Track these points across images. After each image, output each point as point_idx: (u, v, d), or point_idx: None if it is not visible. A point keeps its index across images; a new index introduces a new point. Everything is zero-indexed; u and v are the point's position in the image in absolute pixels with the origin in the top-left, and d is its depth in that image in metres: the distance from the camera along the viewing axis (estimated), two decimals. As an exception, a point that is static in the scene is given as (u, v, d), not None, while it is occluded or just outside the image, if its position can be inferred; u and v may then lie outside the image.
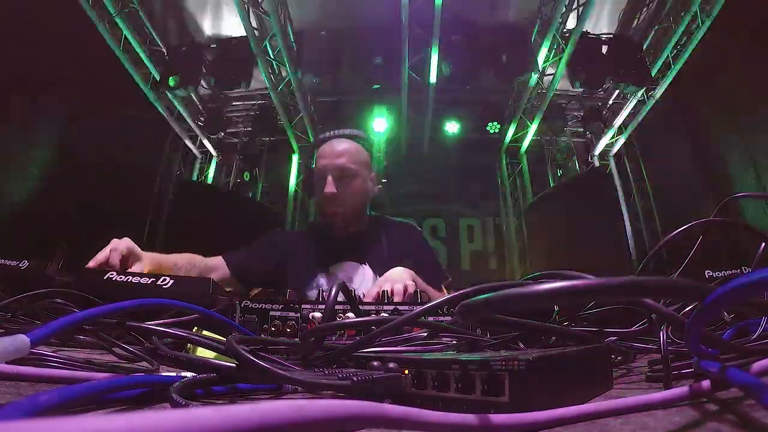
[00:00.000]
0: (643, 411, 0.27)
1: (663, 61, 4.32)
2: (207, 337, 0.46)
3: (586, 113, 5.27)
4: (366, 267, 1.46)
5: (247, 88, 4.73)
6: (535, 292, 0.21)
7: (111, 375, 0.38)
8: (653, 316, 0.50)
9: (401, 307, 0.72)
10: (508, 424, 0.24)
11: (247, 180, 5.51)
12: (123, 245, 1.04)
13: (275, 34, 3.93)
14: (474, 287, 0.41)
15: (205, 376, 0.34)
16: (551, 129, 5.26)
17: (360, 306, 0.67)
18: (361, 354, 0.40)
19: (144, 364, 0.45)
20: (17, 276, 0.77)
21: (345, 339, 0.61)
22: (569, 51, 4.13)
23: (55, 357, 0.39)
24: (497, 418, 0.24)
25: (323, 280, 1.44)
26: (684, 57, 4.07)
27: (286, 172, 5.52)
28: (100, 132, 3.72)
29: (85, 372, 0.38)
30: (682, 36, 4.04)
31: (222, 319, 0.56)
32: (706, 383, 0.28)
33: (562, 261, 4.22)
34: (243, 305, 0.71)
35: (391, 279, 1.13)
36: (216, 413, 0.12)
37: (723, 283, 0.21)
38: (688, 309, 0.52)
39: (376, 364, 0.34)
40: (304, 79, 4.55)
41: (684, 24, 3.92)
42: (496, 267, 5.54)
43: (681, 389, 0.29)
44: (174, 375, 0.34)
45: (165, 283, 0.75)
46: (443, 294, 1.41)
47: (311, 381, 0.30)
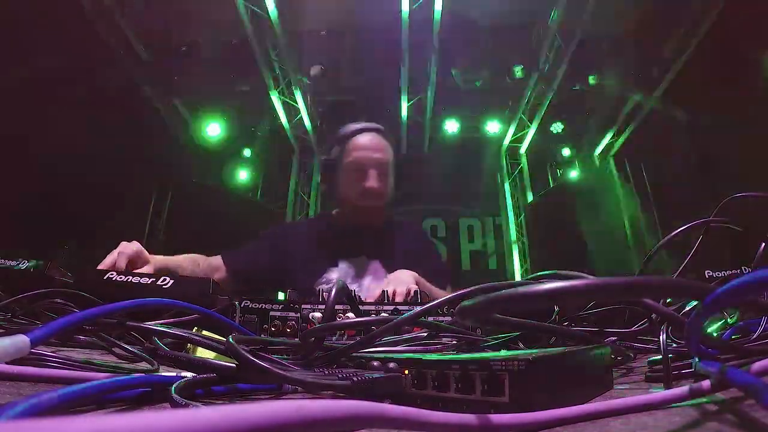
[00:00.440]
0: (643, 411, 0.27)
1: (663, 61, 4.32)
2: (207, 337, 0.46)
3: (586, 113, 5.27)
4: (377, 263, 1.44)
5: (247, 88, 4.73)
6: (535, 292, 0.21)
7: (111, 375, 0.38)
8: (653, 316, 0.50)
9: (401, 308, 0.72)
10: (508, 424, 0.24)
11: (247, 180, 5.51)
12: (130, 249, 1.04)
13: (275, 34, 3.93)
14: (474, 287, 0.41)
15: (205, 376, 0.34)
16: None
17: (360, 306, 0.67)
18: (361, 354, 0.40)
19: (144, 364, 0.45)
20: (17, 276, 0.77)
21: (345, 339, 0.61)
22: (569, 51, 4.13)
23: (55, 357, 0.39)
24: (497, 418, 0.24)
25: (333, 274, 1.42)
26: (684, 57, 4.08)
27: (286, 172, 5.53)
28: (99, 132, 3.72)
29: (85, 372, 0.38)
30: (682, 35, 4.04)
31: (222, 319, 0.56)
32: (706, 383, 0.28)
33: (562, 261, 4.22)
34: (243, 305, 0.71)
35: (395, 281, 1.13)
36: (216, 413, 0.12)
37: (723, 283, 0.21)
38: (688, 309, 0.52)
39: (376, 364, 0.34)
40: (304, 79, 4.55)
41: (684, 24, 3.93)
42: (496, 267, 5.54)
43: (681, 389, 0.29)
44: (174, 375, 0.34)
45: (165, 283, 0.75)
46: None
47: (311, 381, 0.30)
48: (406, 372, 0.32)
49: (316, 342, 0.44)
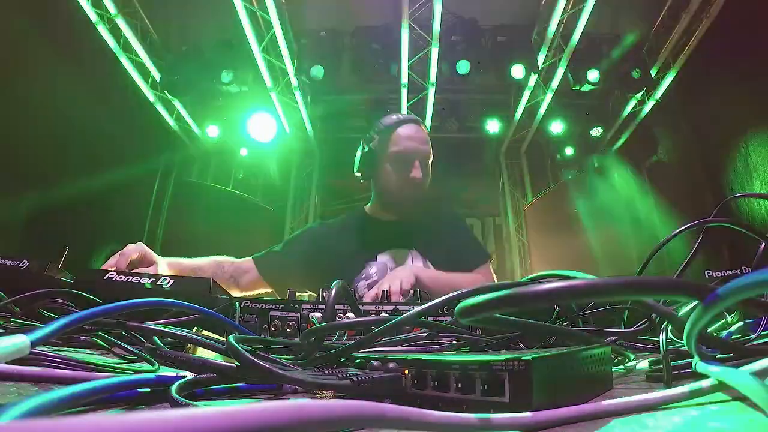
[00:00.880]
0: (643, 411, 0.27)
1: (663, 61, 4.32)
2: (207, 337, 0.46)
3: (586, 113, 5.27)
4: (416, 253, 1.45)
5: (247, 88, 4.73)
6: (536, 292, 0.21)
7: (111, 375, 0.38)
8: (653, 316, 0.50)
9: (401, 307, 0.72)
10: (508, 424, 0.24)
11: (247, 180, 5.51)
12: (133, 250, 1.04)
13: (275, 34, 3.93)
14: (474, 287, 0.41)
15: (205, 376, 0.34)
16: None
17: (360, 306, 0.67)
18: (361, 354, 0.40)
19: (144, 364, 0.45)
20: (17, 276, 0.77)
21: (345, 339, 0.61)
22: (569, 50, 4.13)
23: (55, 357, 0.39)
24: (497, 418, 0.24)
25: (373, 268, 1.41)
26: (684, 57, 4.08)
27: (286, 171, 5.53)
28: (99, 132, 3.72)
29: (85, 372, 0.38)
30: (682, 36, 4.04)
31: (222, 319, 0.56)
32: (706, 383, 0.28)
33: (562, 261, 4.22)
34: (243, 305, 0.71)
35: (390, 277, 1.14)
36: (216, 413, 0.12)
37: (723, 283, 0.21)
38: (688, 309, 0.52)
39: (376, 364, 0.34)
40: (304, 79, 4.55)
41: (684, 24, 3.92)
42: (496, 267, 5.54)
43: (681, 389, 0.29)
44: (174, 375, 0.34)
45: (165, 283, 0.75)
46: (479, 277, 1.40)
47: (311, 381, 0.30)
48: (406, 372, 0.32)
49: (316, 342, 0.44)
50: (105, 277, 0.77)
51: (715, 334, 0.50)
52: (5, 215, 2.96)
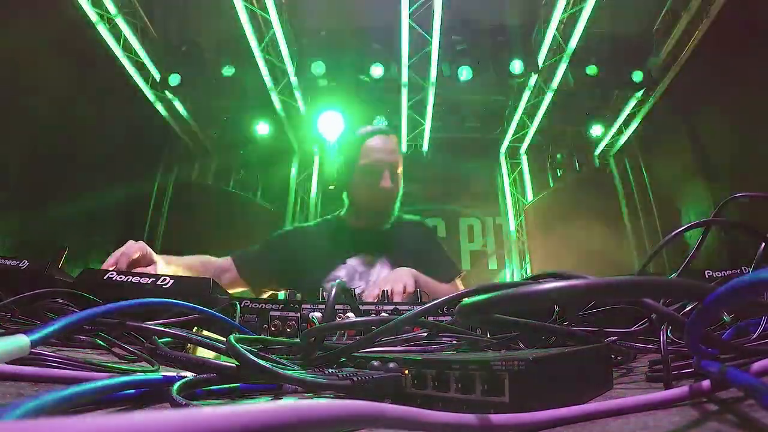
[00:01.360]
0: (643, 411, 0.27)
1: (663, 61, 4.32)
2: (207, 337, 0.46)
3: (586, 113, 5.27)
4: (385, 260, 1.49)
5: (247, 88, 4.73)
6: (536, 292, 0.21)
7: (111, 375, 0.38)
8: (653, 316, 0.50)
9: (401, 307, 0.72)
10: (508, 424, 0.24)
11: (247, 180, 5.51)
12: (133, 249, 1.04)
13: (275, 34, 3.93)
14: (474, 287, 0.41)
15: (205, 376, 0.34)
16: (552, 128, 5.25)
17: (360, 306, 0.67)
18: (361, 354, 0.40)
19: (144, 364, 0.45)
20: (17, 276, 0.77)
21: (345, 339, 0.61)
22: (569, 50, 4.13)
23: (55, 357, 0.39)
24: (497, 418, 0.24)
25: (342, 271, 1.45)
26: (684, 57, 4.08)
27: (286, 171, 5.53)
28: (99, 132, 3.72)
29: (85, 372, 0.38)
30: (682, 36, 4.04)
31: (222, 319, 0.56)
32: (706, 383, 0.28)
33: (562, 261, 4.22)
34: (243, 305, 0.71)
35: (392, 279, 1.14)
36: (216, 413, 0.12)
37: (723, 283, 0.21)
38: (688, 309, 0.52)
39: (376, 364, 0.34)
40: (304, 79, 4.55)
41: (684, 24, 3.92)
42: (496, 267, 5.54)
43: (681, 389, 0.29)
44: (174, 375, 0.34)
45: (165, 283, 0.75)
46: (455, 288, 1.43)
47: (311, 381, 0.30)
48: (406, 372, 0.32)
49: (316, 342, 0.44)
50: (105, 277, 0.77)
51: (715, 334, 0.50)
52: (5, 215, 2.96)
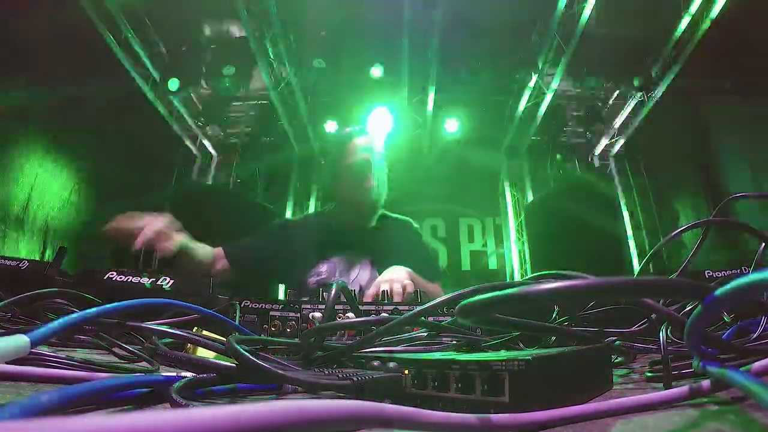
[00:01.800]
0: (643, 411, 0.27)
1: (663, 62, 4.32)
2: (207, 337, 0.46)
3: (586, 113, 5.27)
4: (367, 260, 1.50)
5: (247, 88, 4.73)
6: (536, 292, 0.21)
7: (111, 375, 0.38)
8: (653, 316, 0.50)
9: (401, 307, 0.72)
10: (508, 424, 0.24)
11: (247, 180, 5.51)
12: (156, 227, 1.08)
13: (275, 33, 3.93)
14: (474, 287, 0.41)
15: (205, 376, 0.34)
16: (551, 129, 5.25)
17: (360, 306, 0.67)
18: (361, 354, 0.40)
19: (144, 364, 0.45)
20: (17, 276, 0.77)
21: (345, 339, 0.61)
22: (569, 51, 4.13)
23: (55, 357, 0.39)
24: (497, 418, 0.24)
25: (324, 267, 1.48)
26: (684, 57, 4.07)
27: (286, 171, 5.53)
28: (99, 131, 3.72)
29: (85, 372, 0.38)
30: (682, 36, 4.04)
31: (222, 319, 0.55)
32: (706, 383, 0.28)
33: (562, 261, 4.22)
34: (243, 305, 0.71)
35: (390, 279, 1.14)
36: (216, 413, 0.12)
37: (723, 283, 0.21)
38: (688, 309, 0.52)
39: (376, 364, 0.34)
40: (304, 79, 4.55)
41: (684, 24, 3.92)
42: (496, 267, 5.54)
43: (681, 389, 0.29)
44: (174, 375, 0.34)
45: (165, 283, 0.75)
46: (439, 291, 1.44)
47: (311, 381, 0.30)
48: (406, 372, 0.32)
49: (316, 342, 0.44)
50: (105, 277, 0.77)
51: (715, 334, 0.50)
52: (5, 215, 2.96)
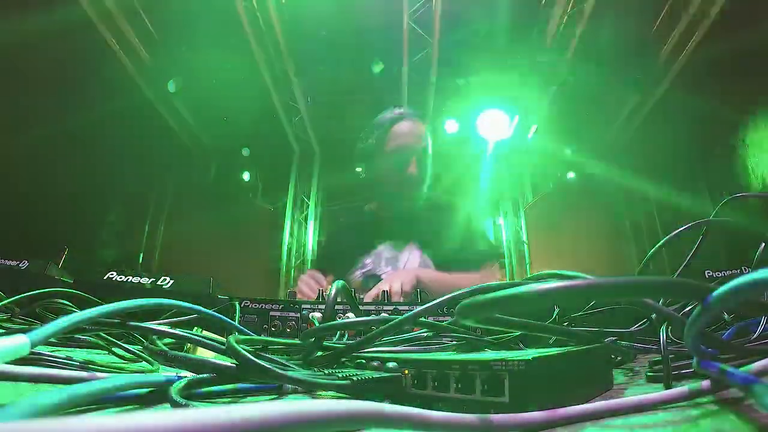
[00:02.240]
0: (643, 411, 0.27)
1: (663, 61, 4.32)
2: (207, 337, 0.46)
3: (586, 113, 5.26)
4: (413, 246, 1.47)
5: (247, 88, 4.73)
6: (536, 292, 0.21)
7: (111, 375, 0.38)
8: (653, 316, 0.50)
9: (401, 307, 0.72)
10: (508, 424, 0.24)
11: (247, 180, 5.51)
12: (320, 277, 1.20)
13: (275, 33, 3.93)
14: (474, 287, 0.41)
15: (205, 376, 0.34)
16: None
17: (360, 306, 0.67)
18: (361, 354, 0.40)
19: (144, 364, 0.45)
20: (17, 276, 0.77)
21: (345, 339, 0.61)
22: (569, 50, 4.13)
23: (55, 357, 0.39)
24: (497, 418, 0.24)
25: (369, 259, 1.47)
26: (684, 57, 4.07)
27: (286, 172, 5.53)
28: (99, 132, 3.72)
29: (85, 372, 0.38)
30: (682, 36, 4.04)
31: (222, 319, 0.55)
32: (706, 383, 0.28)
33: (562, 261, 4.22)
34: (243, 305, 0.71)
35: (391, 278, 1.14)
36: (216, 413, 0.12)
37: (723, 283, 0.21)
38: (688, 309, 0.52)
39: (376, 364, 0.34)
40: (304, 79, 4.55)
41: (684, 24, 3.92)
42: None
43: (681, 389, 0.29)
44: (174, 375, 0.34)
45: (165, 283, 0.75)
46: (478, 277, 1.39)
47: (311, 381, 0.30)
48: (406, 372, 0.32)
49: (316, 342, 0.44)
50: (105, 277, 0.77)
51: (715, 334, 0.50)
52: (4, 215, 2.96)
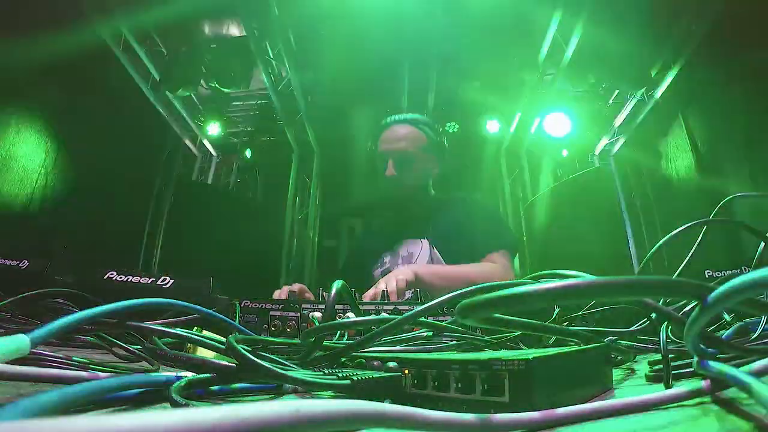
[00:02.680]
0: (643, 411, 0.27)
1: (663, 61, 4.32)
2: (207, 337, 0.46)
3: (586, 113, 5.26)
4: (425, 242, 1.51)
5: (247, 88, 4.73)
6: (536, 291, 0.21)
7: (111, 375, 0.38)
8: (653, 315, 0.49)
9: (401, 307, 0.72)
10: (508, 424, 0.24)
11: (247, 180, 5.51)
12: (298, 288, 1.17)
13: (275, 33, 3.92)
14: (474, 287, 0.41)
15: (205, 376, 0.34)
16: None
17: (360, 306, 0.67)
18: (361, 354, 0.40)
19: (144, 364, 0.45)
20: (17, 276, 0.77)
21: (345, 339, 0.61)
22: (569, 50, 4.13)
23: (55, 357, 0.39)
24: (497, 418, 0.24)
25: (388, 258, 1.54)
26: (684, 57, 4.07)
27: (286, 172, 5.52)
28: (98, 132, 3.72)
29: (85, 372, 0.38)
30: (682, 36, 4.04)
31: (222, 319, 0.55)
32: (706, 383, 0.28)
33: (562, 260, 4.22)
34: (243, 305, 0.71)
35: (387, 277, 1.14)
36: (216, 413, 0.12)
37: (723, 283, 0.21)
38: (688, 309, 0.52)
39: (376, 364, 0.34)
40: (304, 79, 4.55)
41: (684, 24, 3.92)
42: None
43: (681, 389, 0.29)
44: (174, 375, 0.34)
45: (165, 283, 0.75)
46: (483, 268, 1.39)
47: (311, 381, 0.30)
48: (406, 372, 0.32)
49: (316, 342, 0.44)
50: (105, 277, 0.77)
51: (715, 333, 0.50)
52: (4, 215, 2.96)
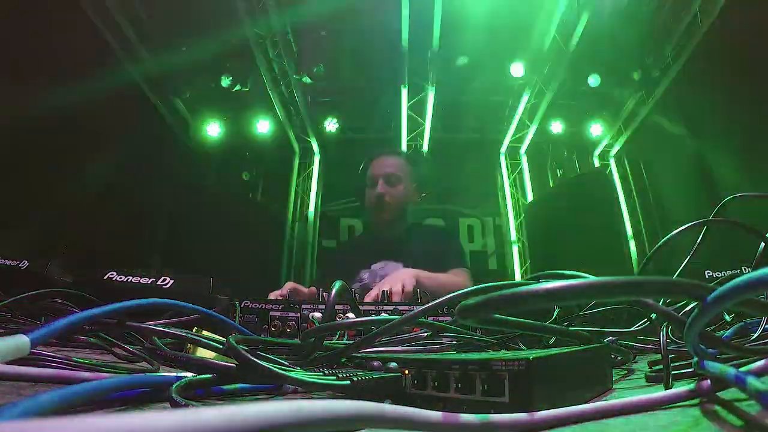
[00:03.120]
0: (643, 411, 0.27)
1: (663, 61, 4.32)
2: (207, 337, 0.46)
3: (586, 113, 5.26)
4: (400, 264, 1.64)
5: (247, 88, 4.73)
6: (536, 292, 0.21)
7: (111, 375, 0.38)
8: (653, 315, 0.49)
9: (401, 307, 0.72)
10: (508, 424, 0.24)
11: (247, 180, 5.51)
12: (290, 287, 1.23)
13: (275, 33, 3.92)
14: (474, 287, 0.41)
15: (205, 376, 0.34)
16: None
17: (360, 306, 0.67)
18: (361, 354, 0.40)
19: (144, 364, 0.45)
20: (17, 276, 0.77)
21: (345, 339, 0.61)
22: (569, 50, 4.13)
23: (55, 357, 0.39)
24: (497, 418, 0.24)
25: (366, 274, 1.66)
26: (684, 57, 4.08)
27: (286, 172, 5.52)
28: (98, 132, 3.72)
29: (85, 372, 0.38)
30: (682, 36, 4.04)
31: (222, 319, 0.55)
32: (706, 383, 0.28)
33: (562, 261, 4.21)
34: (243, 305, 0.71)
35: (391, 279, 1.14)
36: (216, 413, 0.12)
37: (723, 283, 0.21)
38: (688, 309, 0.52)
39: (376, 364, 0.34)
40: (304, 79, 4.55)
41: (684, 24, 3.92)
42: (496, 267, 5.54)
43: (681, 389, 0.29)
44: (174, 375, 0.34)
45: (165, 283, 0.75)
46: (452, 276, 1.56)
47: (311, 381, 0.30)
48: (406, 372, 0.32)
49: (316, 342, 0.44)
50: (105, 277, 0.77)
51: (715, 334, 0.50)
52: (4, 215, 2.96)
